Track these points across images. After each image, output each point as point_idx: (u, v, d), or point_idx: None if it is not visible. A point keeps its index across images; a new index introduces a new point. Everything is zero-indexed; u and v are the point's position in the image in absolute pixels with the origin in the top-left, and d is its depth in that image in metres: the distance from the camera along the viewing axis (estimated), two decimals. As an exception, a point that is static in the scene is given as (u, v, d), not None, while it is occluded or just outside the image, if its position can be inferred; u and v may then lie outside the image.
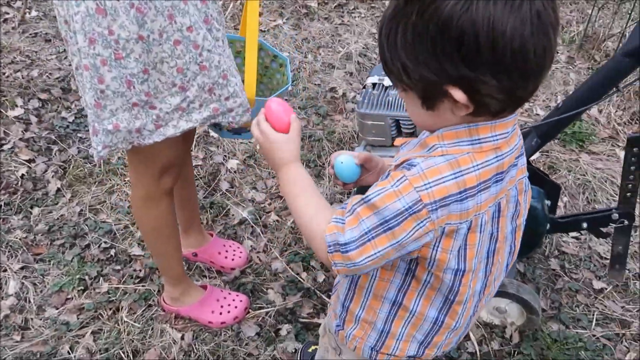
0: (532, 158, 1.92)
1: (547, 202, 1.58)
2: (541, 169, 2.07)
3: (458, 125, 0.79)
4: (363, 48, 2.95)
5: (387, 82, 1.57)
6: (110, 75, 1.09)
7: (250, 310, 1.71)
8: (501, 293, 1.62)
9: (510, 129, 0.82)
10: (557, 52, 3.05)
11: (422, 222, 0.78)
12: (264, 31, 3.05)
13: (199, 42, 1.13)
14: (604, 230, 1.62)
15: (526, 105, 2.71)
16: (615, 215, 1.56)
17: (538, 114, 2.64)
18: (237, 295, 1.71)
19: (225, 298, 1.69)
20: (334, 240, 0.84)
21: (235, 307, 1.68)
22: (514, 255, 0.99)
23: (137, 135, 1.18)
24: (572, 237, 2.05)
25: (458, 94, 0.73)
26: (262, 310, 1.71)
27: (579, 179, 2.28)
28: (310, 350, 1.57)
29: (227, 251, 1.84)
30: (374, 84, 1.58)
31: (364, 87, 1.59)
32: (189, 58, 1.13)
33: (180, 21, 1.10)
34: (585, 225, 1.61)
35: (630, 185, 1.51)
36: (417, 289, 0.93)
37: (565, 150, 2.46)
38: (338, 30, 3.12)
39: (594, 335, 1.70)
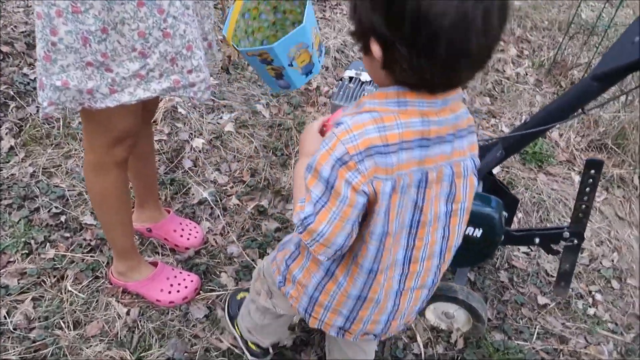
0: (494, 171, 1.97)
1: (505, 214, 1.61)
2: (501, 183, 2.12)
3: (390, 87, 0.87)
4: (341, 44, 2.95)
5: (364, 77, 1.57)
6: (64, 29, 1.04)
7: (201, 291, 1.68)
8: (451, 298, 1.66)
9: (440, 100, 0.87)
10: (526, 74, 3.15)
11: (353, 173, 0.85)
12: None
13: (164, 7, 1.09)
14: (554, 247, 1.68)
15: (492, 121, 2.78)
16: (567, 234, 1.62)
17: (503, 131, 2.71)
18: (189, 275, 1.68)
19: (175, 277, 1.66)
20: (298, 219, 0.91)
21: (186, 287, 1.65)
22: (450, 243, 1.03)
23: (89, 97, 1.13)
24: (523, 252, 2.12)
25: (375, 47, 0.82)
26: (213, 293, 1.68)
27: (534, 197, 2.35)
28: (238, 297, 1.57)
29: (183, 230, 1.80)
30: (350, 78, 1.58)
31: (341, 80, 1.59)
32: (152, 22, 1.09)
33: None
34: (537, 240, 1.66)
35: (583, 206, 1.57)
36: (347, 264, 1.01)
37: (525, 168, 2.53)
38: (318, 24, 3.11)
39: (534, 348, 1.76)
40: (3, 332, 1.45)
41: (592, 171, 1.50)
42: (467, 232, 1.51)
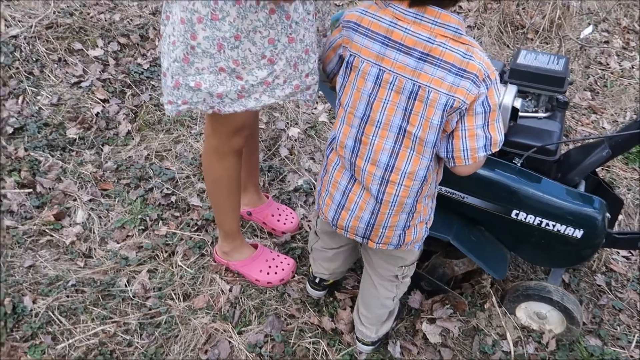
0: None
1: (608, 215, 1.56)
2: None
3: None
4: (435, 36, 2.93)
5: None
6: (203, 34, 1.13)
7: (296, 274, 1.77)
8: (545, 298, 1.63)
9: (413, 11, 1.05)
10: (632, 68, 2.96)
11: (340, 34, 1.16)
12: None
13: (290, 12, 1.16)
14: (660, 253, 1.61)
15: (592, 117, 2.65)
16: (676, 240, 1.54)
17: (604, 128, 2.58)
18: (285, 258, 1.77)
19: (274, 259, 1.76)
20: None
21: (283, 269, 1.75)
22: (398, 163, 1.15)
23: (219, 100, 1.22)
24: (623, 256, 2.03)
25: None
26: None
27: (637, 198, 2.23)
28: None
29: (280, 215, 1.90)
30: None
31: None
32: (281, 29, 1.16)
33: None
34: (642, 245, 1.60)
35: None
36: None
37: (627, 168, 2.40)
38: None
39: (632, 357, 1.70)
40: (124, 299, 1.61)
41: None
42: (565, 232, 1.48)
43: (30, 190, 1.88)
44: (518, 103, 1.47)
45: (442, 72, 1.06)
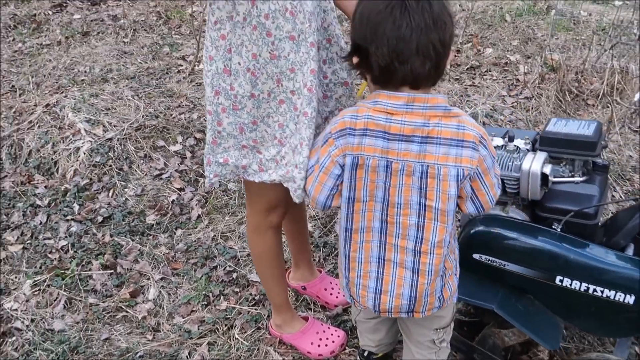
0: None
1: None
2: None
3: (374, 92, 1.18)
4: (490, 109, 2.99)
5: (495, 142, 1.62)
6: (227, 121, 1.34)
7: (346, 347, 1.81)
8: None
9: (402, 103, 1.14)
10: None
11: (332, 148, 1.19)
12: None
13: (297, 105, 1.33)
14: None
15: None
16: None
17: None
18: (336, 331, 1.83)
19: (324, 332, 1.82)
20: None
21: (333, 341, 1.80)
22: (426, 234, 1.21)
23: (243, 171, 1.42)
24: None
25: (355, 59, 1.18)
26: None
27: None
28: None
29: (332, 288, 1.98)
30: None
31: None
32: (289, 117, 1.34)
33: (286, 85, 1.31)
34: None
35: None
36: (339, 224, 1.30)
37: None
38: (467, 91, 3.20)
39: None
40: (185, 370, 1.74)
41: None
42: (616, 298, 1.42)
43: (112, 271, 2.12)
44: (547, 169, 1.49)
45: (445, 148, 1.15)
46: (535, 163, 1.49)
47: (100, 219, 2.39)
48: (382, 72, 1.14)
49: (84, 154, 2.71)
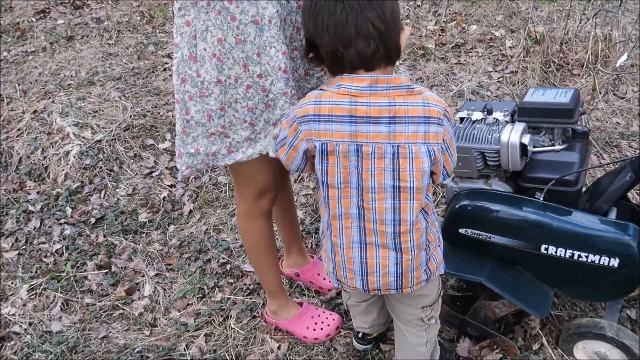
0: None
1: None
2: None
3: (337, 76, 1.18)
4: (477, 86, 2.98)
5: (474, 116, 1.62)
6: (194, 109, 1.34)
7: (341, 329, 1.83)
8: (599, 336, 1.55)
9: (365, 85, 1.14)
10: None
11: (297, 131, 1.20)
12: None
13: (266, 87, 1.33)
14: None
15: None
16: None
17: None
18: (331, 314, 1.84)
19: (319, 316, 1.84)
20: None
21: (328, 325, 1.81)
22: (403, 215, 1.21)
23: (213, 157, 1.42)
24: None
25: (311, 54, 1.20)
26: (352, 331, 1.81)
27: None
28: None
29: (325, 273, 1.99)
30: (461, 118, 1.65)
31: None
32: (258, 99, 1.34)
33: (252, 69, 1.31)
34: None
35: None
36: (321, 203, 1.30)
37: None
38: (453, 70, 3.20)
39: None
40: (183, 362, 1.76)
41: None
42: (600, 262, 1.44)
43: (107, 270, 2.14)
44: (526, 139, 1.50)
45: (413, 126, 1.15)
46: (513, 134, 1.50)
47: (93, 220, 2.40)
48: (331, 60, 1.15)
49: (74, 157, 2.72)
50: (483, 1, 3.87)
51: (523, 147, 1.50)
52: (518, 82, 2.96)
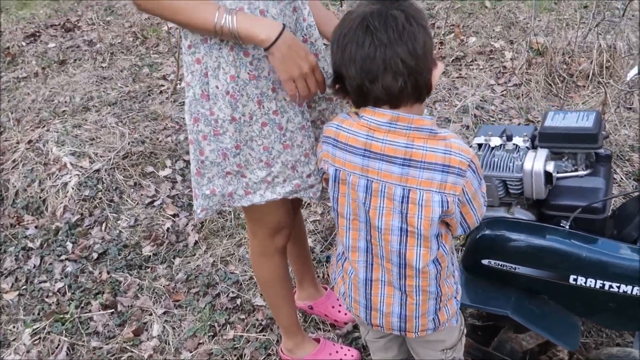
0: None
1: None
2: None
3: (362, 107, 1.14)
4: (481, 100, 2.94)
5: (493, 142, 1.57)
6: (209, 148, 1.28)
7: (360, 366, 1.76)
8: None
9: (385, 121, 1.09)
10: None
11: (321, 148, 1.20)
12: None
13: (282, 124, 1.28)
14: None
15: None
16: None
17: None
18: (349, 350, 1.77)
19: (337, 352, 1.77)
20: None
21: (347, 361, 1.74)
22: (409, 260, 1.16)
23: (229, 198, 1.36)
24: None
25: (336, 85, 1.15)
26: (372, 367, 1.75)
27: None
28: None
29: (340, 305, 1.92)
30: (479, 145, 1.59)
31: (470, 147, 1.61)
32: (274, 138, 1.28)
33: (267, 106, 1.26)
34: None
35: None
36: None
37: None
38: (455, 84, 3.16)
39: None
40: (198, 407, 1.68)
41: None
42: (633, 292, 1.38)
43: (113, 310, 2.06)
44: (551, 167, 1.44)
45: (429, 173, 1.09)
46: (537, 162, 1.44)
47: (95, 255, 2.32)
48: (356, 94, 1.10)
49: (72, 188, 2.64)
50: (480, 12, 3.84)
51: (548, 174, 1.44)
52: (522, 95, 2.92)
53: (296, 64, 1.17)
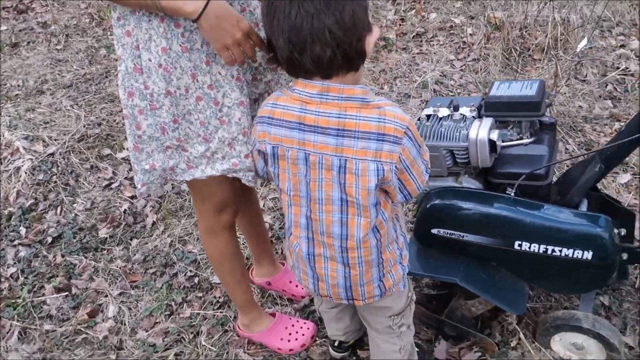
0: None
1: (618, 231, 1.48)
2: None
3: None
4: (440, 75, 2.95)
5: (441, 113, 1.58)
6: (146, 123, 1.26)
7: (317, 338, 1.77)
8: (575, 327, 1.54)
9: (316, 92, 1.08)
10: None
11: (256, 129, 1.18)
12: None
13: (218, 99, 1.25)
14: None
15: (616, 126, 2.53)
16: (701, 246, 1.42)
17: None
18: (305, 323, 1.78)
19: (293, 326, 1.78)
20: None
21: (303, 334, 1.75)
22: (351, 230, 1.16)
23: (171, 172, 1.34)
24: (668, 268, 1.87)
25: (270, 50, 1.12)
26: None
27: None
28: None
29: (297, 280, 1.93)
30: (427, 116, 1.60)
31: (419, 120, 1.62)
32: (210, 113, 1.26)
33: (202, 79, 1.23)
34: (667, 257, 1.49)
35: None
36: None
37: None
38: (416, 60, 3.16)
39: (688, 378, 1.54)
40: (153, 386, 1.67)
41: None
42: (574, 255, 1.42)
43: (67, 293, 2.02)
44: (495, 135, 1.46)
45: (363, 142, 1.08)
46: (481, 130, 1.46)
47: (49, 239, 2.27)
48: (287, 64, 1.08)
49: (25, 173, 2.57)
50: (441, -12, 3.84)
51: (492, 143, 1.46)
52: (480, 69, 2.94)
53: (228, 32, 1.14)
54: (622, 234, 1.50)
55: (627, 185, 2.21)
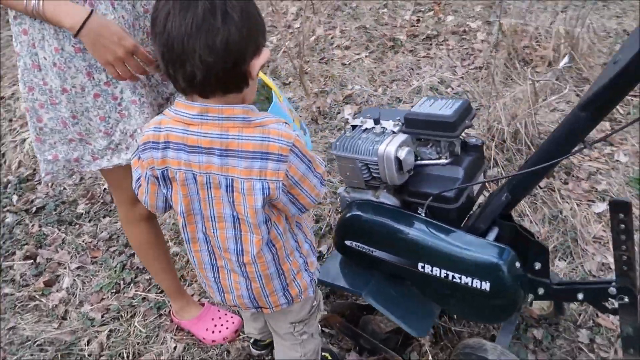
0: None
1: (532, 264, 1.41)
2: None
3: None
4: (438, 82, 2.88)
5: (367, 124, 1.56)
6: (47, 116, 1.33)
7: (241, 333, 1.82)
8: (481, 358, 1.49)
9: (195, 113, 1.05)
10: None
11: (139, 163, 1.14)
12: (346, 65, 3.16)
13: (116, 94, 1.31)
14: (607, 305, 1.40)
15: (607, 150, 2.37)
16: (613, 290, 1.34)
17: (618, 160, 2.30)
18: (232, 317, 1.84)
19: (220, 318, 1.84)
20: None
21: (227, 328, 1.81)
22: (245, 246, 1.16)
23: (76, 164, 1.41)
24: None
25: None
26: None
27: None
28: None
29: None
30: (353, 126, 1.59)
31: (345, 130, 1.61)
32: (109, 107, 1.32)
33: (98, 77, 1.28)
34: (581, 296, 1.41)
35: (624, 257, 1.29)
36: None
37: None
38: (419, 63, 3.09)
39: None
40: (81, 358, 1.79)
41: (621, 215, 1.24)
42: (473, 284, 1.38)
43: (32, 261, 2.19)
44: (403, 152, 1.43)
45: (247, 162, 1.07)
46: (389, 146, 1.44)
47: (34, 209, 2.46)
48: (167, 77, 1.04)
49: (29, 145, 2.77)
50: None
51: (399, 160, 1.43)
52: (481, 78, 2.84)
53: (108, 49, 1.18)
54: (537, 268, 1.43)
55: (601, 215, 2.08)
